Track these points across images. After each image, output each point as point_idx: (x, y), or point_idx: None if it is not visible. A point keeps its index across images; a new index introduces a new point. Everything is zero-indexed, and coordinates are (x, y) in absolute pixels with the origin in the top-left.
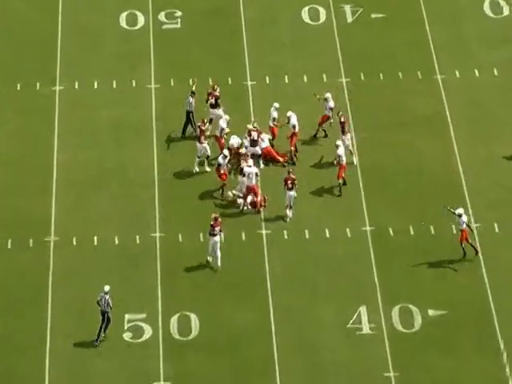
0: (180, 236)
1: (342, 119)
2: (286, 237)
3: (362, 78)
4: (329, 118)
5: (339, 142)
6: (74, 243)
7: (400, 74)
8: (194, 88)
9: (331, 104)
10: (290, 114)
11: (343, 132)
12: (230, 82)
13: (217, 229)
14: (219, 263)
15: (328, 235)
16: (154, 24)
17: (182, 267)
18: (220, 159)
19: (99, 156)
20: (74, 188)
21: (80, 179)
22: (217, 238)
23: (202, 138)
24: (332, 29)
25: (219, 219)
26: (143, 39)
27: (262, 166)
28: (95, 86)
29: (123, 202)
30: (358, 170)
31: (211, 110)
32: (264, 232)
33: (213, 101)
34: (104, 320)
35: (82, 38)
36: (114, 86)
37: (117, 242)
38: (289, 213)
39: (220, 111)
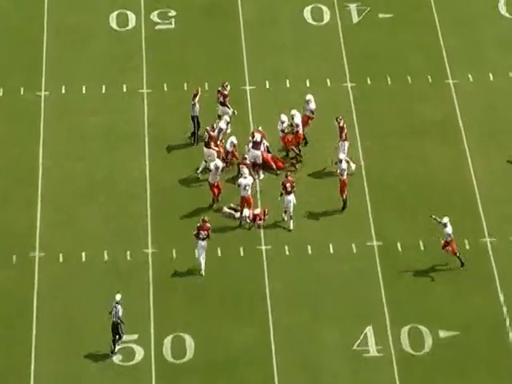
0: (174, 252)
1: (341, 124)
2: (287, 252)
3: (369, 82)
4: (309, 118)
5: (342, 156)
6: (61, 259)
7: (409, 78)
8: (198, 94)
9: (312, 106)
10: (293, 112)
11: (341, 138)
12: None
13: (203, 233)
14: (203, 268)
15: (332, 251)
16: (146, 24)
17: (176, 285)
18: (212, 166)
19: (87, 166)
20: (60, 200)
21: (67, 191)
22: (204, 243)
23: (212, 143)
24: (336, 30)
25: (208, 224)
26: (135, 41)
27: (262, 175)
28: (83, 91)
29: (113, 215)
30: (364, 181)
31: (220, 107)
32: (264, 247)
33: (221, 99)
34: (116, 331)
35: (69, 39)
36: (104, 90)
37: (106, 258)
38: (289, 223)
39: (229, 110)
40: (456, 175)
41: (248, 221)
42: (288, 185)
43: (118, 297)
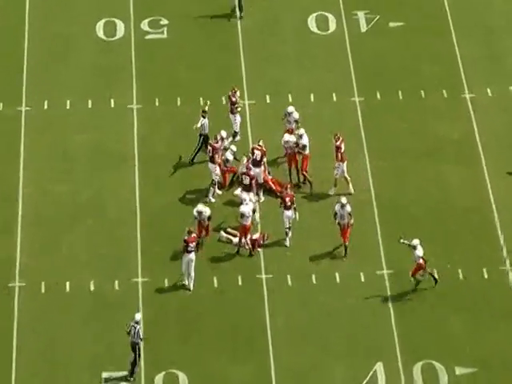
0: (166, 281)
1: (338, 143)
2: (289, 282)
3: (378, 96)
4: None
5: (344, 200)
6: (43, 290)
7: (422, 92)
8: (206, 108)
9: (296, 115)
10: (302, 132)
11: (337, 158)
12: (224, 102)
13: (191, 245)
14: (192, 285)
15: (338, 280)
16: (135, 34)
17: (169, 317)
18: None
19: (72, 188)
20: (42, 225)
21: (50, 215)
22: (192, 256)
23: (217, 156)
24: (343, 39)
25: (194, 234)
26: (123, 51)
27: (262, 198)
28: (67, 106)
29: (100, 241)
30: (374, 204)
31: (230, 115)
32: (264, 277)
33: (229, 106)
34: (135, 353)
35: (53, 49)
36: (90, 105)
37: (92, 288)
38: (286, 239)
39: (237, 117)
40: (474, 198)
41: (246, 247)
42: (287, 199)
43: (138, 316)
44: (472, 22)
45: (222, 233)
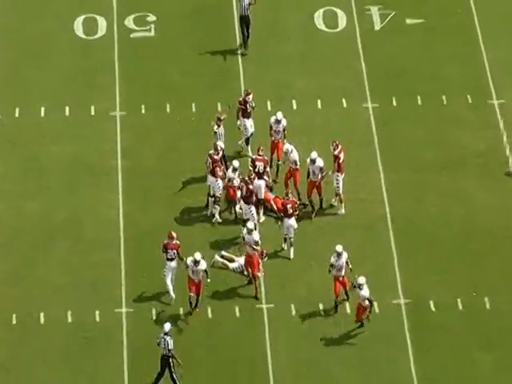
0: (153, 312)
1: (337, 152)
2: (293, 312)
3: (394, 103)
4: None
5: (340, 248)
6: (14, 321)
7: (444, 97)
8: (222, 117)
9: (284, 123)
10: (287, 147)
11: (335, 169)
12: (219, 108)
13: (171, 252)
14: (171, 292)
15: (349, 310)
16: (119, 31)
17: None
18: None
19: (47, 206)
20: (13, 248)
21: (21, 236)
22: (173, 264)
23: (218, 169)
24: (354, 38)
25: (176, 240)
26: (105, 52)
27: (262, 217)
28: (42, 114)
29: (79, 266)
30: (389, 224)
31: (242, 119)
32: (265, 306)
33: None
34: (167, 366)
35: (25, 50)
36: (67, 113)
37: (70, 319)
38: (290, 251)
39: (248, 121)
40: (501, 217)
41: (245, 273)
42: (289, 206)
43: (167, 327)
44: (500, 19)
45: (217, 257)
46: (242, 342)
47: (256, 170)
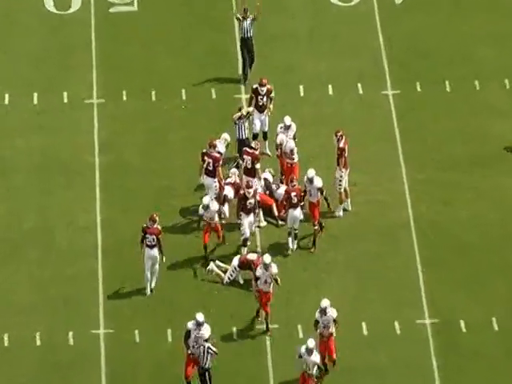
0: (136, 333)
1: (341, 144)
2: (300, 335)
3: (419, 88)
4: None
5: (325, 303)
6: None
7: (477, 82)
8: (250, 109)
9: (294, 127)
10: (282, 138)
11: (339, 163)
12: (213, 96)
13: (150, 237)
14: (153, 284)
15: (366, 332)
16: (96, 5)
17: (140, 380)
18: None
19: (12, 210)
20: None
21: None
22: (154, 252)
23: (219, 169)
24: (372, 13)
25: (158, 226)
26: (80, 29)
27: (263, 223)
28: (6, 102)
29: (49, 280)
30: (412, 230)
31: (256, 113)
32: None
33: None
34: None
35: None
36: (36, 101)
37: (39, 342)
38: (294, 244)
39: (258, 116)
40: None
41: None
42: (293, 194)
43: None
44: None
45: (212, 265)
46: (238, 369)
47: (245, 164)
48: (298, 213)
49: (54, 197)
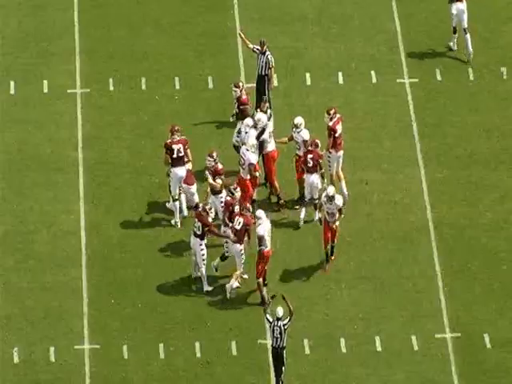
0: (125, 349)
1: (332, 123)
2: (306, 351)
3: (438, 77)
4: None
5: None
6: None
7: (504, 70)
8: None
9: (305, 135)
10: (298, 121)
11: (330, 145)
12: (210, 85)
13: (177, 147)
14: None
15: (380, 347)
16: None
17: None
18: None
19: None
20: None
21: None
22: (181, 172)
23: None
24: None
25: (181, 135)
26: (62, 9)
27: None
28: None
29: (27, 290)
30: (432, 233)
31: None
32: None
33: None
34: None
35: None
36: (12, 90)
37: (16, 359)
38: (302, 214)
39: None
40: None
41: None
42: (310, 157)
43: (280, 312)
44: None
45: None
46: None
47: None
48: (315, 179)
49: (32, 197)
